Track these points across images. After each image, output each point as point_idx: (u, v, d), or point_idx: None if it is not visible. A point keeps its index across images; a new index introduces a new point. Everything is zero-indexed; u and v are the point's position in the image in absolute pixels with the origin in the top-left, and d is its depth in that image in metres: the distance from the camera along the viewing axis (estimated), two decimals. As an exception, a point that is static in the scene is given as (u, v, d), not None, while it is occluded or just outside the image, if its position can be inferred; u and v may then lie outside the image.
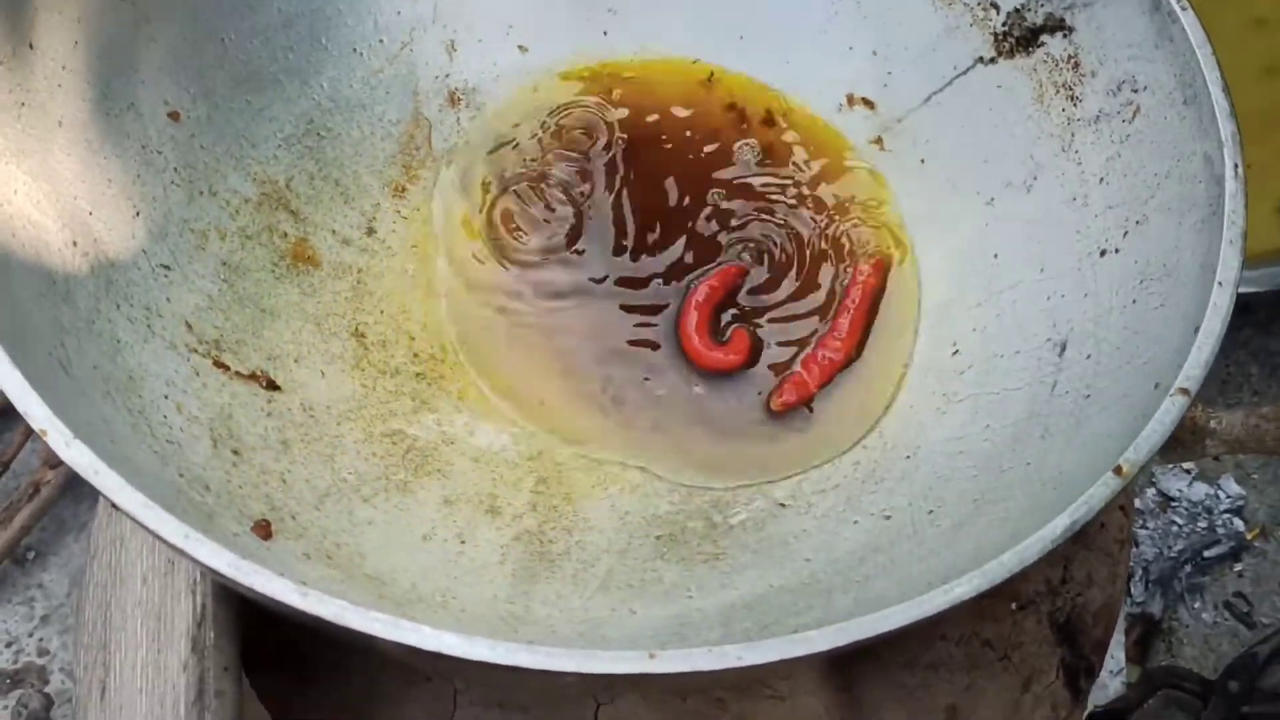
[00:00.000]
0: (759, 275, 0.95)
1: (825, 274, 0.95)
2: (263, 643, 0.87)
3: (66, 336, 0.77)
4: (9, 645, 1.51)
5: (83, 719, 1.32)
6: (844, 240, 0.96)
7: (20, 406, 0.67)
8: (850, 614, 0.74)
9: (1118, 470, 0.70)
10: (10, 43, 0.80)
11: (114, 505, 0.66)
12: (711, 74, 1.01)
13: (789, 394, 0.90)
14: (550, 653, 0.64)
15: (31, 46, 0.81)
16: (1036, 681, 0.91)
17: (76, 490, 1.57)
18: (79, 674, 1.38)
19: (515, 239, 0.96)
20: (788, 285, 0.95)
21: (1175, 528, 1.64)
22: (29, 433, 1.53)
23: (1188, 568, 1.61)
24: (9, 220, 0.77)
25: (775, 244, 0.96)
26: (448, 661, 0.64)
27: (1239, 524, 1.64)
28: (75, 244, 0.81)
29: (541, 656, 0.64)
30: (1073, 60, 0.91)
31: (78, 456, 0.66)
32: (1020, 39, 0.94)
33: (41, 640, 1.52)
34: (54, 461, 1.51)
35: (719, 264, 0.95)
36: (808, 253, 0.96)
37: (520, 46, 1.02)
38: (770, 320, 0.94)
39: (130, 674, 1.05)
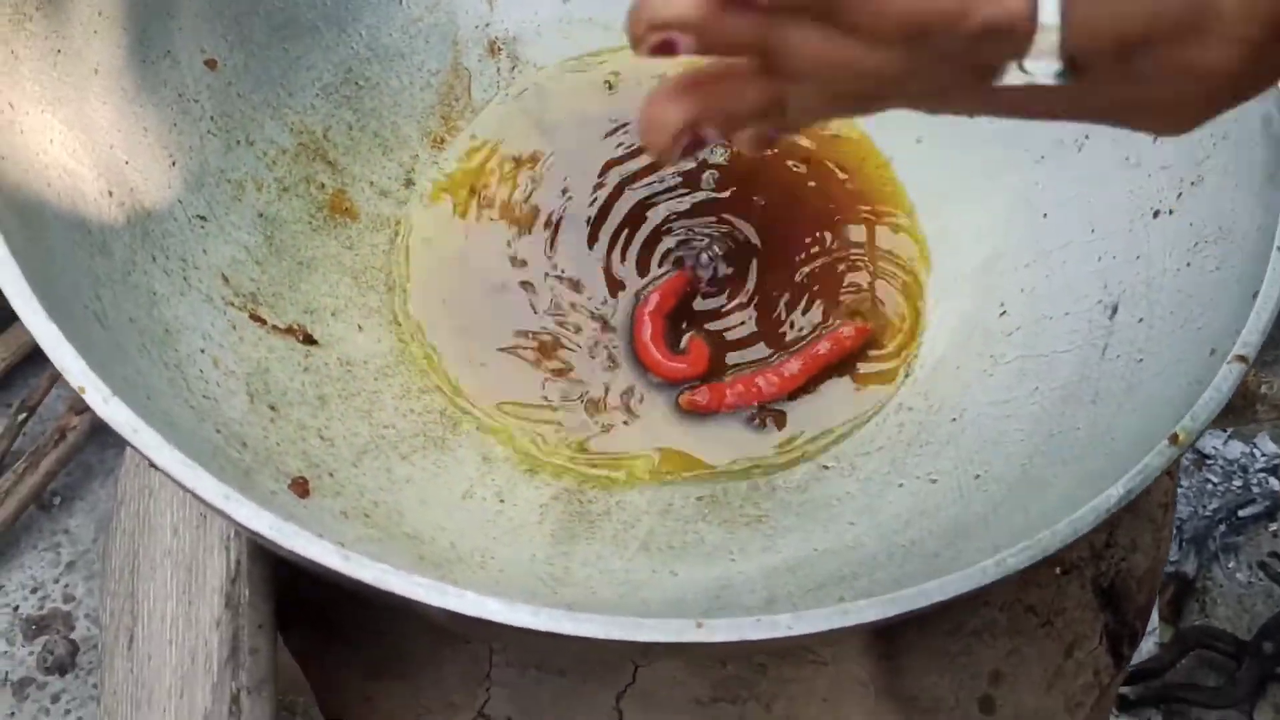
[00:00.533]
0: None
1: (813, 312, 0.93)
2: (295, 600, 0.86)
3: (102, 289, 0.76)
4: (35, 591, 1.50)
5: (109, 665, 1.32)
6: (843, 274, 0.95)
7: (56, 361, 0.66)
8: (897, 581, 0.73)
9: (1174, 439, 0.69)
10: (46, -12, 0.79)
11: (152, 463, 0.65)
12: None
13: (701, 396, 0.89)
14: (595, 620, 0.63)
15: (67, -8, 0.80)
16: (1079, 647, 0.89)
17: (103, 436, 1.56)
18: (105, 620, 1.38)
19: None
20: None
21: (1210, 486, 1.63)
22: (55, 377, 1.52)
23: (1222, 527, 1.60)
24: (45, 169, 0.76)
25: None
26: (487, 625, 0.63)
27: (1275, 483, 1.62)
28: (111, 194, 0.80)
29: (585, 624, 0.63)
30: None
31: (115, 413, 0.65)
32: None
33: (67, 586, 1.51)
34: (81, 407, 1.50)
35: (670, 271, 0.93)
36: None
37: (562, -5, 1.01)
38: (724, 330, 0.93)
39: (159, 625, 1.05)
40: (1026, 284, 0.89)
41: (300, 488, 0.77)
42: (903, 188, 0.95)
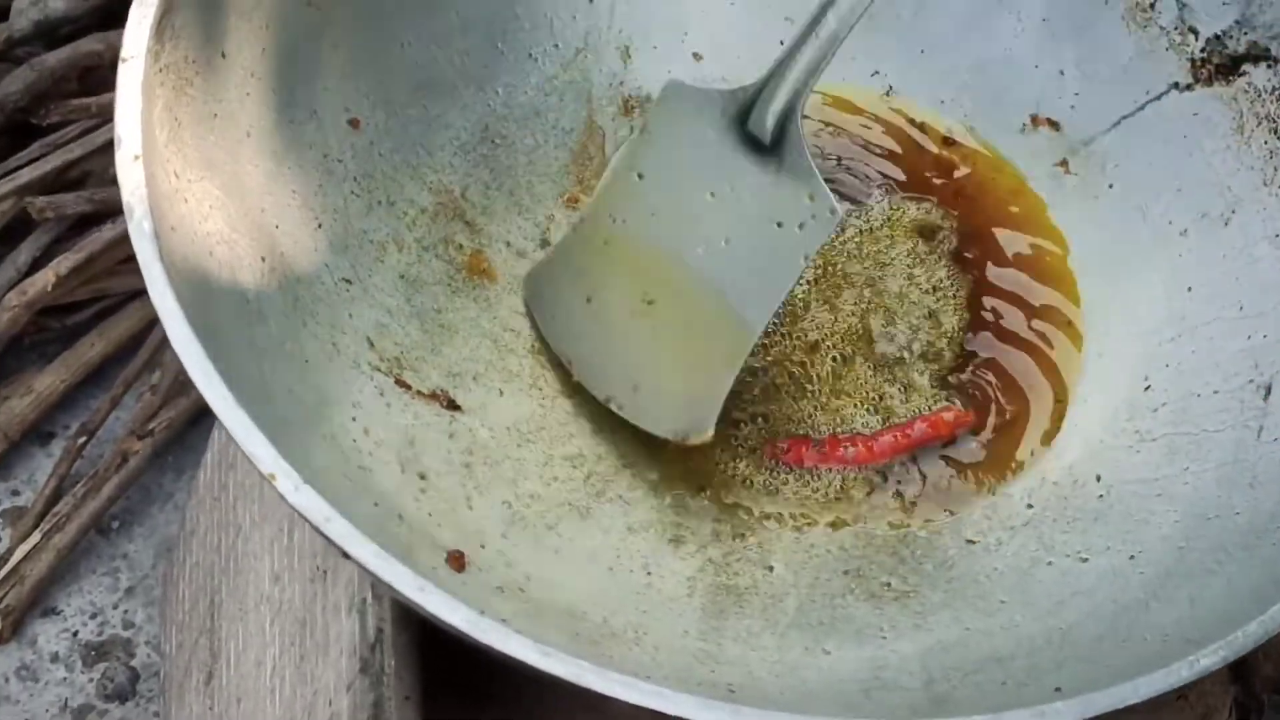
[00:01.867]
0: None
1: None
2: (430, 667, 0.85)
3: (264, 361, 0.76)
4: (94, 617, 1.49)
5: (176, 697, 1.31)
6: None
7: (245, 448, 0.65)
8: (1059, 664, 0.73)
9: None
10: (205, 51, 0.78)
11: (344, 553, 0.64)
12: (890, 89, 0.99)
13: (783, 445, 0.89)
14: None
15: (224, 55, 0.80)
16: (1211, 719, 0.89)
17: (162, 460, 1.54)
18: (167, 650, 1.37)
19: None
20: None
21: None
22: (116, 400, 1.51)
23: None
24: (206, 238, 0.75)
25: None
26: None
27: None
28: (264, 259, 0.80)
29: (790, 722, 0.62)
30: (1277, 92, 0.89)
31: (307, 502, 0.64)
32: (1220, 66, 0.91)
33: (127, 613, 1.50)
34: (142, 432, 1.49)
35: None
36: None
37: (695, 54, 1.00)
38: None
39: (253, 669, 1.04)
40: (1172, 359, 0.88)
41: (457, 562, 0.77)
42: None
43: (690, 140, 0.89)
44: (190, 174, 0.76)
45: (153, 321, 1.51)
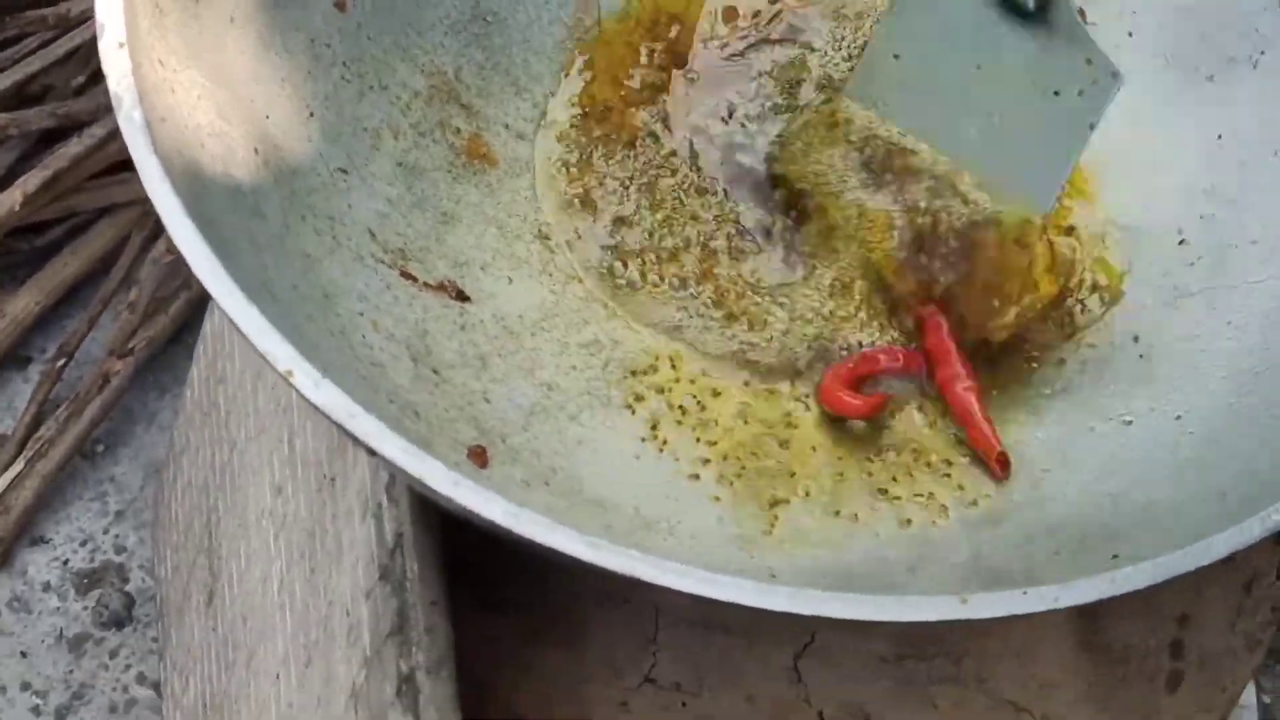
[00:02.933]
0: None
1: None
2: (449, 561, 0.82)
3: (264, 255, 0.73)
4: (84, 544, 1.47)
5: (175, 620, 1.29)
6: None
7: (260, 346, 0.62)
8: (1114, 533, 0.71)
9: None
10: (182, -65, 0.74)
11: (370, 450, 0.61)
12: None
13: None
14: (863, 601, 0.60)
15: (202, -63, 0.76)
16: (1257, 583, 0.87)
17: (144, 379, 1.51)
18: (162, 573, 1.34)
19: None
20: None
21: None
22: (93, 321, 1.47)
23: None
24: (197, 129, 0.72)
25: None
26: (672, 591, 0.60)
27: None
28: (257, 151, 0.76)
29: (854, 605, 0.60)
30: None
31: (329, 399, 0.61)
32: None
33: (118, 537, 1.47)
34: (122, 351, 1.45)
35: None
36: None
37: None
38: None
39: (258, 586, 1.01)
40: (1205, 210, 0.86)
41: (479, 457, 0.74)
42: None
43: (947, 12, 0.86)
44: (176, 63, 0.72)
45: (126, 238, 1.48)
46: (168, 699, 1.28)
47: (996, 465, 0.80)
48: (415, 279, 0.81)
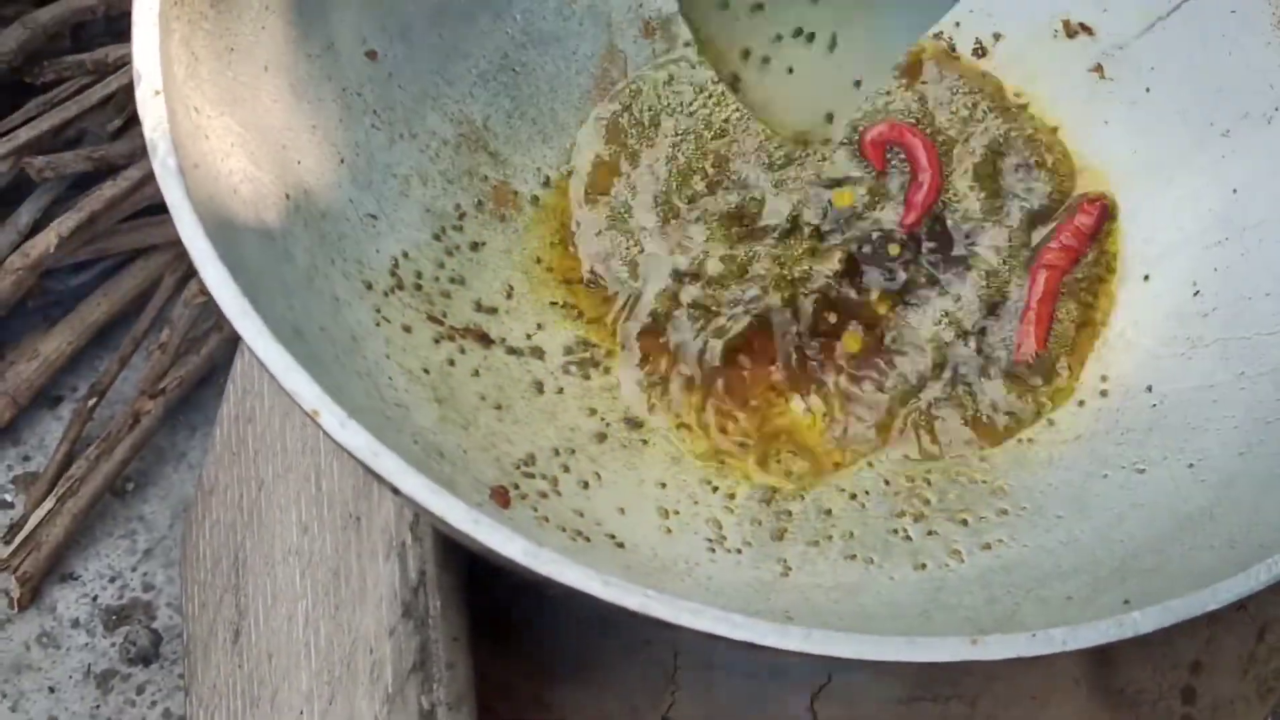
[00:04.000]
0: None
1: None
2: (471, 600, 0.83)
3: (294, 298, 0.74)
4: (113, 580, 1.48)
5: (201, 658, 1.30)
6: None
7: (287, 385, 0.64)
8: (1122, 577, 0.71)
9: None
10: (218, -16, 0.76)
11: (394, 490, 0.62)
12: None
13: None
14: (870, 641, 0.61)
15: (237, -13, 0.77)
16: (1270, 631, 0.88)
17: (174, 419, 1.53)
18: (190, 610, 1.35)
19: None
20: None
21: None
22: (125, 360, 1.49)
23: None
24: (230, 175, 0.73)
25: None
26: (692, 633, 0.61)
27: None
28: (288, 196, 0.78)
29: (861, 645, 0.61)
30: (1319, -20, 0.87)
31: (353, 439, 0.63)
32: (1258, -42, 0.89)
33: (146, 575, 1.49)
34: (153, 391, 1.47)
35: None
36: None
37: (719, -30, 0.97)
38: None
39: (284, 624, 1.02)
40: (1220, 263, 0.87)
41: (502, 497, 0.75)
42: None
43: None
44: (210, 110, 0.74)
45: (158, 279, 1.50)
46: (194, 735, 1.29)
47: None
48: (441, 322, 0.82)
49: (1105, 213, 0.90)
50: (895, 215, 0.90)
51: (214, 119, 0.74)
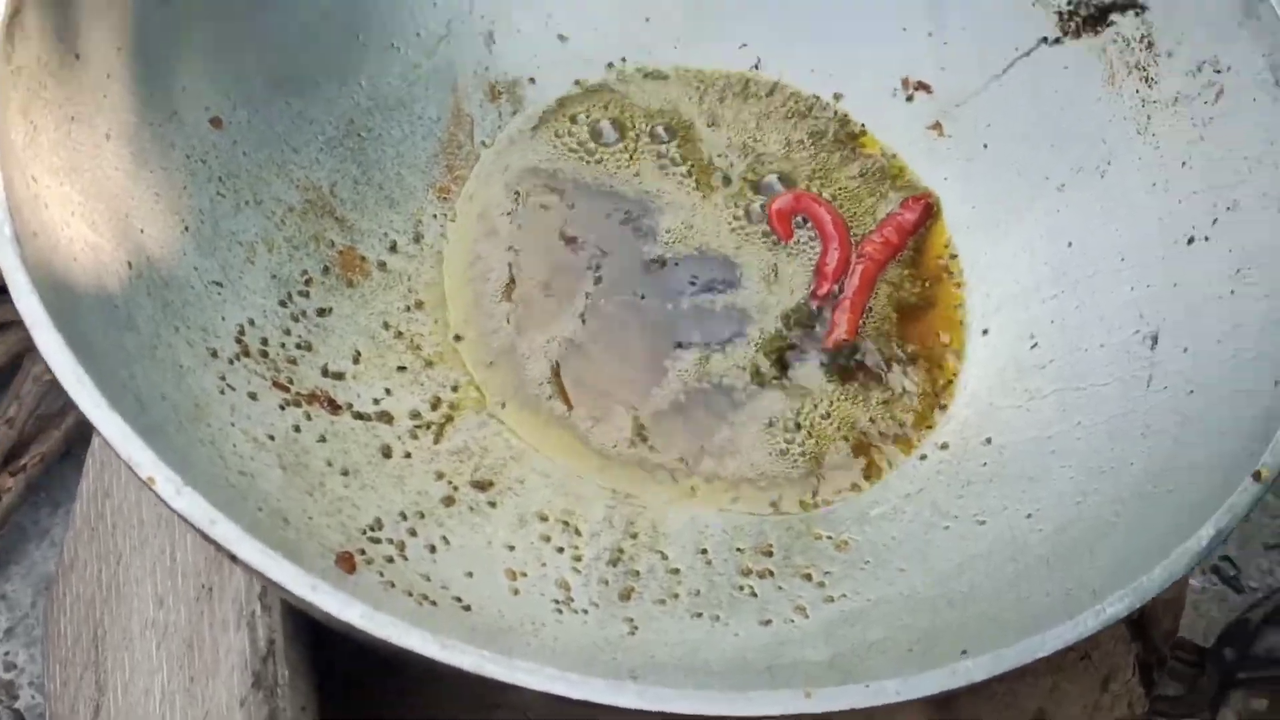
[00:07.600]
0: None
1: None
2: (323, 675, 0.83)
3: (135, 366, 0.74)
4: (-26, 659, 1.46)
5: (66, 734, 1.28)
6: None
7: (124, 454, 0.63)
8: (962, 626, 0.72)
9: (1256, 475, 0.68)
10: (58, 52, 0.76)
11: (231, 557, 0.63)
12: (758, 61, 0.98)
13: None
14: (705, 696, 0.61)
15: (78, 57, 0.77)
16: (1114, 679, 0.89)
17: (36, 496, 1.51)
18: (52, 689, 1.34)
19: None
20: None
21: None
22: (-13, 437, 1.47)
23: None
24: (70, 243, 0.73)
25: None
26: (535, 694, 0.61)
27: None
28: (130, 264, 0.78)
29: (694, 699, 0.61)
30: (1146, 40, 0.89)
31: (190, 506, 0.63)
32: (1088, 19, 0.91)
33: (8, 654, 1.47)
34: (14, 469, 1.45)
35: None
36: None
37: (560, 36, 0.98)
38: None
39: (142, 698, 1.02)
40: (1056, 315, 0.88)
41: (347, 563, 0.75)
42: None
43: None
44: (49, 179, 0.74)
45: (19, 355, 1.48)
46: (56, 814, 1.28)
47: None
48: (288, 389, 0.82)
49: (928, 211, 0.92)
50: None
51: (53, 188, 0.73)
